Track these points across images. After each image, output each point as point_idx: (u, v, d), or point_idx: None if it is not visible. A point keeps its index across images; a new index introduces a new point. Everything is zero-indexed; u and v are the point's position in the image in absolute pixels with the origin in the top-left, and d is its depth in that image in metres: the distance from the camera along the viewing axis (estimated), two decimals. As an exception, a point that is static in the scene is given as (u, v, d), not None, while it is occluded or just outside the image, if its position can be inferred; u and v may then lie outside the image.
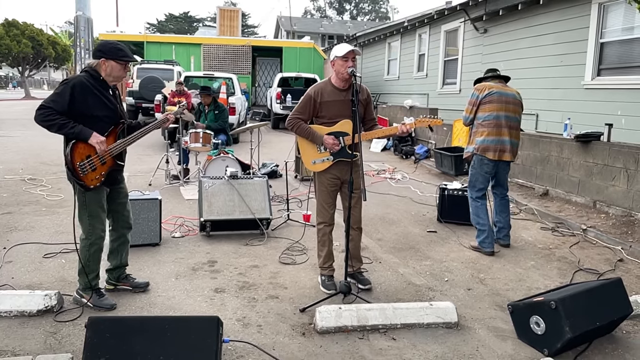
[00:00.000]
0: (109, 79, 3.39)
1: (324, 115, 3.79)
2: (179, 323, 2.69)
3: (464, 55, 12.06)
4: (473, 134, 5.01)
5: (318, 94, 3.77)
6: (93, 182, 3.35)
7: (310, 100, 3.77)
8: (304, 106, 3.80)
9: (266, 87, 23.47)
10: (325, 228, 3.94)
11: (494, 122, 4.85)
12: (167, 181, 7.58)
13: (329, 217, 3.92)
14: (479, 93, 4.92)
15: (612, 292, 3.27)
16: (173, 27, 48.46)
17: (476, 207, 5.01)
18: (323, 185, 3.88)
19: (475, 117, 4.96)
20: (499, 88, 4.90)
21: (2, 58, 32.10)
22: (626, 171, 5.97)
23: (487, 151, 4.87)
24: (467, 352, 3.09)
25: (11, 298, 3.34)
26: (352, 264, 3.95)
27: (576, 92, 8.20)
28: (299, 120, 3.81)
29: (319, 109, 3.78)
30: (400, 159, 11.18)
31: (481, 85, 4.97)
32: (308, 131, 3.78)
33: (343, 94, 3.77)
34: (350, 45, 3.71)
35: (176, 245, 4.90)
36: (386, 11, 56.18)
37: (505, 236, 5.14)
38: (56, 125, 3.18)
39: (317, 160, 3.82)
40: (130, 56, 3.46)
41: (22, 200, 6.43)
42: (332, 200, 3.93)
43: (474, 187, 5.05)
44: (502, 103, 4.86)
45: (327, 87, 3.80)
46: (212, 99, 8.46)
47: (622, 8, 7.38)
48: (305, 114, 3.81)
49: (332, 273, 3.99)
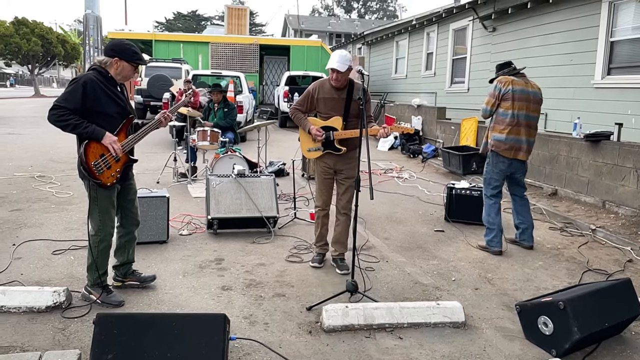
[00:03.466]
0: (118, 77, 3.42)
1: (320, 110, 4.26)
2: (187, 320, 2.70)
3: (473, 54, 12.01)
4: (490, 128, 4.93)
5: (316, 90, 4.24)
6: (109, 180, 3.38)
7: (309, 95, 4.28)
8: (303, 99, 4.31)
9: (274, 85, 23.46)
10: (320, 212, 4.41)
11: (511, 120, 4.76)
12: (175, 179, 7.60)
13: (321, 202, 4.38)
14: (502, 86, 4.78)
15: (621, 293, 3.24)
16: (181, 26, 48.62)
17: (489, 205, 4.97)
18: (319, 172, 4.37)
19: (496, 112, 4.85)
20: (521, 85, 4.79)
21: (12, 56, 32.36)
22: (636, 171, 5.91)
23: (501, 148, 4.81)
24: (474, 352, 3.07)
25: (20, 294, 3.37)
26: (335, 249, 4.37)
27: (586, 91, 8.13)
28: (297, 110, 4.33)
29: (316, 103, 4.25)
30: (407, 158, 11.16)
31: (504, 79, 4.82)
32: (301, 120, 4.31)
33: (339, 92, 4.16)
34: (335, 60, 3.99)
35: (183, 242, 4.92)
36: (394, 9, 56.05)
37: (529, 237, 5.08)
38: (70, 125, 3.21)
39: (311, 149, 4.33)
40: (143, 59, 3.49)
41: (32, 197, 6.48)
42: (325, 187, 4.37)
43: (489, 185, 4.99)
44: (523, 101, 4.77)
45: (325, 85, 4.23)
46: (222, 97, 8.47)
47: (633, 6, 7.31)
48: (303, 106, 4.31)
49: (322, 252, 4.48)
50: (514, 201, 5.16)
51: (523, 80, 4.87)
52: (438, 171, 9.58)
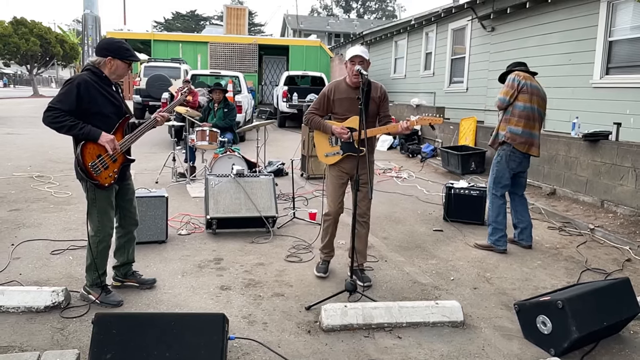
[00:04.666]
0: (112, 76, 3.41)
1: (337, 111, 4.04)
2: (186, 320, 2.70)
3: (471, 53, 12.01)
4: (505, 120, 4.88)
5: (332, 91, 4.04)
6: (107, 180, 3.37)
7: (324, 97, 4.06)
8: (319, 102, 4.09)
9: (273, 85, 23.45)
10: (331, 220, 4.14)
11: (529, 114, 4.77)
12: (174, 179, 7.60)
13: (334, 210, 4.11)
14: (520, 79, 4.77)
15: (620, 292, 3.25)
16: (180, 26, 48.58)
17: (499, 205, 4.93)
18: (333, 177, 4.10)
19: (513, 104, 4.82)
20: (532, 81, 4.84)
21: (11, 56, 32.29)
22: (634, 170, 5.92)
23: (517, 141, 4.80)
24: (472, 351, 3.08)
25: (19, 294, 3.37)
26: (356, 259, 3.96)
27: (584, 91, 8.14)
28: (314, 114, 4.09)
29: (332, 105, 4.04)
30: (406, 158, 11.16)
31: (521, 73, 4.84)
32: (319, 123, 4.07)
33: (355, 91, 3.92)
34: (359, 49, 3.88)
35: (182, 242, 4.92)
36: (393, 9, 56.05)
37: (528, 236, 5.08)
38: (65, 127, 3.19)
39: (329, 154, 4.07)
40: (135, 55, 3.48)
41: (30, 197, 6.48)
42: (340, 194, 4.12)
43: (498, 184, 4.97)
44: (536, 96, 4.81)
45: (341, 85, 4.04)
46: (223, 97, 8.46)
47: (632, 6, 7.32)
48: (320, 109, 4.09)
49: (328, 258, 4.26)
50: (512, 200, 5.16)
51: (531, 77, 4.90)
52: (437, 171, 9.59)
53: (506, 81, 4.90)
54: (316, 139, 4.16)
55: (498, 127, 4.96)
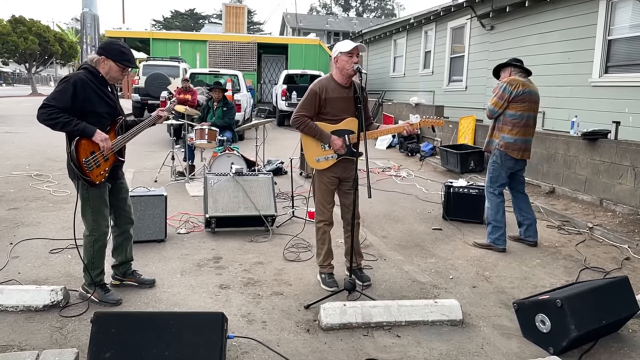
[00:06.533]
0: (107, 77, 3.40)
1: (328, 112, 3.73)
2: (184, 319, 2.70)
3: (470, 52, 12.01)
4: (498, 128, 4.90)
5: (323, 90, 3.69)
6: (98, 178, 3.37)
7: (315, 97, 3.69)
8: (309, 102, 3.71)
9: (272, 84, 23.43)
10: (325, 227, 3.92)
11: (523, 122, 4.79)
12: (173, 178, 7.59)
13: (328, 215, 3.90)
14: (512, 89, 4.73)
15: (619, 291, 3.25)
16: (179, 24, 48.49)
17: (497, 203, 4.94)
18: (324, 183, 3.85)
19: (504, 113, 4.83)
20: (528, 87, 4.79)
21: (9, 55, 32.25)
22: (633, 169, 5.92)
23: (510, 149, 4.82)
24: (471, 349, 3.08)
25: (18, 293, 3.37)
26: (355, 260, 3.91)
27: (583, 90, 8.14)
28: (305, 117, 3.72)
29: (323, 105, 3.71)
30: (405, 157, 11.16)
31: (514, 81, 4.78)
32: (316, 129, 3.71)
33: (346, 90, 3.73)
34: (355, 42, 3.67)
35: (181, 241, 4.91)
36: (392, 8, 55.97)
37: (534, 232, 5.09)
38: (60, 124, 3.18)
39: (320, 158, 3.78)
40: (132, 62, 3.44)
41: (29, 196, 6.47)
42: (331, 199, 3.92)
43: (495, 182, 4.98)
44: (532, 103, 4.81)
45: (330, 84, 3.73)
46: (222, 95, 8.44)
47: (631, 5, 7.32)
48: (310, 110, 3.72)
49: (332, 270, 3.99)
50: (515, 197, 5.17)
51: (527, 80, 4.88)
52: (436, 169, 9.59)
53: (497, 88, 4.88)
54: (305, 142, 3.79)
55: (491, 134, 4.99)
